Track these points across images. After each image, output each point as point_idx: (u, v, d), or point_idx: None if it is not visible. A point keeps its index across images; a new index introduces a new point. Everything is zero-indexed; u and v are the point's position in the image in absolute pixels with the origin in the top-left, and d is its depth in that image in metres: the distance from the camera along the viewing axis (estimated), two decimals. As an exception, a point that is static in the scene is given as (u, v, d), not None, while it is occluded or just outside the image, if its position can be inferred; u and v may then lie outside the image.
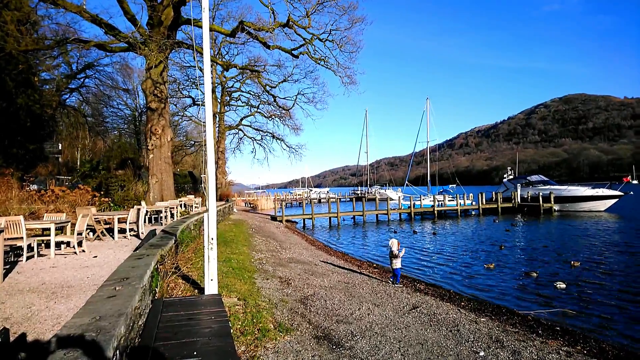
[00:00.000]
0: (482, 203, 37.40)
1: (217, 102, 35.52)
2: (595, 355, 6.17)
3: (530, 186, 39.79)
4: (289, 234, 22.41)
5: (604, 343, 6.80)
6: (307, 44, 20.24)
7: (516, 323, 7.74)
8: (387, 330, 6.47)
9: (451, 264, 14.39)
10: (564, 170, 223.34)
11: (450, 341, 6.13)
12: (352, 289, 9.36)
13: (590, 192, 35.60)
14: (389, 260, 10.53)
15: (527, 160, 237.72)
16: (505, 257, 15.25)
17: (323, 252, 16.18)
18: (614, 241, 18.86)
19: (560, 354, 5.90)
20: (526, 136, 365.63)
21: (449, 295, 9.82)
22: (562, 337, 6.98)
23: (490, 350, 5.81)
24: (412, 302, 8.42)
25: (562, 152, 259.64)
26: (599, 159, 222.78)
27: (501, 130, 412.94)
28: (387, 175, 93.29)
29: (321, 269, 11.92)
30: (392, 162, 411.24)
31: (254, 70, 28.55)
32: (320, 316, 7.01)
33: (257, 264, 11.27)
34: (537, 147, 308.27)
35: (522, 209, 37.36)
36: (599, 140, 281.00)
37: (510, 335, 6.67)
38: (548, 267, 13.16)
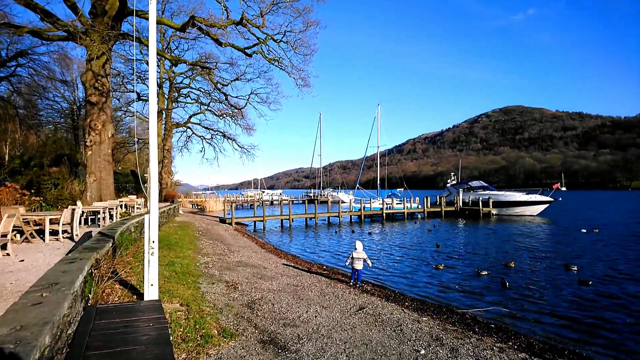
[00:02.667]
0: (427, 207, 39.15)
1: (164, 98, 34.03)
2: (524, 349, 6.63)
3: (471, 191, 42.24)
4: (238, 236, 21.95)
5: (532, 338, 7.33)
6: (261, 44, 20.03)
7: (455, 321, 8.13)
8: (334, 332, 6.52)
9: (397, 265, 14.87)
10: (502, 176, 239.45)
11: (394, 341, 6.31)
12: (301, 292, 9.35)
13: (525, 197, 38.55)
14: (351, 261, 10.98)
15: (470, 167, 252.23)
16: (449, 258, 16.04)
17: (273, 255, 16.03)
18: (544, 243, 20.51)
19: (494, 350, 6.27)
20: (469, 144, 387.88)
21: (394, 295, 10.12)
22: (496, 334, 7.43)
23: (430, 349, 6.06)
24: (359, 304, 8.58)
25: (501, 159, 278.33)
26: (534, 167, 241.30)
27: (446, 137, 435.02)
28: (340, 178, 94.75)
29: (270, 272, 11.79)
30: (345, 166, 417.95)
31: (204, 67, 27.73)
32: (267, 320, 6.92)
33: (202, 268, 10.91)
34: (478, 155, 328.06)
35: (464, 213, 39.58)
36: (533, 149, 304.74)
37: (449, 333, 7.00)
38: (486, 267, 13.98)
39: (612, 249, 18.14)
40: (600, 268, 13.95)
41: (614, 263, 14.87)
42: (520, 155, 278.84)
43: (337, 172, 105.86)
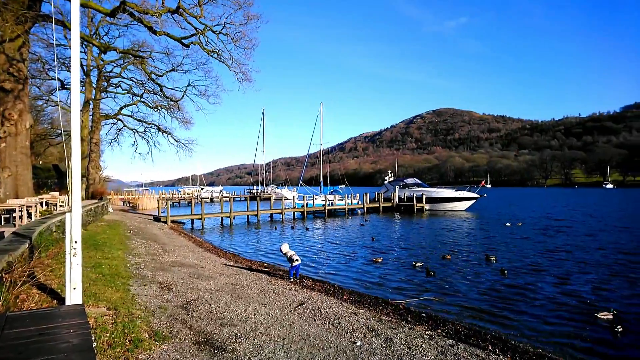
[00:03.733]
0: (367, 203, 40.52)
1: (91, 87, 31.38)
2: (452, 336, 7.11)
3: (406, 188, 44.40)
4: (174, 235, 21.01)
5: (458, 325, 7.90)
6: (199, 35, 19.24)
7: (390, 312, 8.51)
8: (272, 329, 6.51)
9: (337, 259, 15.22)
10: (435, 174, 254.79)
11: (332, 334, 6.46)
12: (240, 290, 9.20)
13: (454, 194, 41.38)
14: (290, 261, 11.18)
15: (406, 165, 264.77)
16: (386, 252, 16.73)
17: (212, 254, 15.57)
18: (470, 236, 22.19)
19: (424, 338, 6.66)
20: (405, 143, 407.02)
21: (333, 289, 10.34)
22: (427, 323, 7.90)
23: (366, 340, 6.29)
24: (298, 299, 8.64)
25: (434, 158, 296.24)
26: (462, 165, 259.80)
27: (385, 137, 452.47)
28: (284, 175, 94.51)
29: (208, 271, 11.44)
30: (289, 162, 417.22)
31: (137, 55, 26.02)
32: (204, 321, 6.72)
33: (133, 269, 10.29)
34: (413, 154, 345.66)
35: (400, 208, 41.56)
36: (462, 149, 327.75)
37: (384, 324, 7.31)
38: (419, 260, 14.79)
39: (531, 241, 20.13)
40: (519, 258, 15.43)
41: (532, 253, 16.52)
42: (450, 154, 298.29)
43: (281, 168, 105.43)
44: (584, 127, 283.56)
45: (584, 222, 29.64)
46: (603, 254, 16.02)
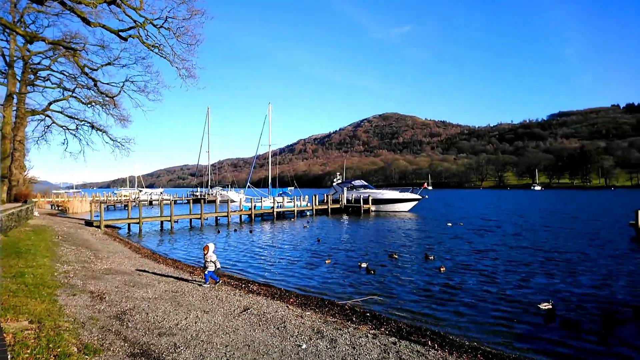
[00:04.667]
0: (316, 204, 40.80)
1: (15, 80, 28.46)
2: (394, 333, 7.32)
3: (354, 190, 45.38)
4: (108, 241, 19.64)
5: (400, 323, 8.16)
6: (139, 28, 18.19)
7: (336, 313, 8.59)
8: (215, 336, 6.28)
9: (283, 262, 15.12)
10: (381, 176, 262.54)
11: (277, 338, 6.36)
12: (180, 298, 8.78)
13: (398, 195, 43.01)
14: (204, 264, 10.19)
15: (353, 167, 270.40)
16: (333, 253, 16.90)
17: (150, 261, 14.74)
18: (415, 235, 23.12)
19: (368, 337, 6.79)
20: (353, 146, 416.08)
21: (279, 293, 10.23)
22: (371, 322, 8.07)
23: (311, 342, 6.27)
24: (243, 304, 8.43)
25: (380, 161, 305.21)
26: (406, 168, 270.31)
27: (334, 139, 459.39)
28: (230, 176, 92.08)
29: (146, 279, 10.81)
30: (236, 164, 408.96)
31: (69, 47, 24.05)
32: (140, 331, 6.31)
33: (62, 277, 9.45)
34: (361, 156, 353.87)
35: (348, 210, 42.38)
36: (406, 152, 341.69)
37: (330, 325, 7.35)
38: (365, 260, 15.12)
39: (470, 240, 21.39)
40: (458, 256, 16.32)
41: (469, 251, 17.56)
42: (395, 157, 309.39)
43: (227, 170, 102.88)
44: (516, 133, 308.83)
45: (514, 222, 32.14)
46: (531, 252, 17.47)
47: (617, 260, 15.04)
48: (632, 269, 13.45)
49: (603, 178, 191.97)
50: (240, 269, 14.24)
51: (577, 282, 11.72)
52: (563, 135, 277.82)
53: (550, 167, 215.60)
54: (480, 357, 6.26)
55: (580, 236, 22.28)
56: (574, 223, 29.88)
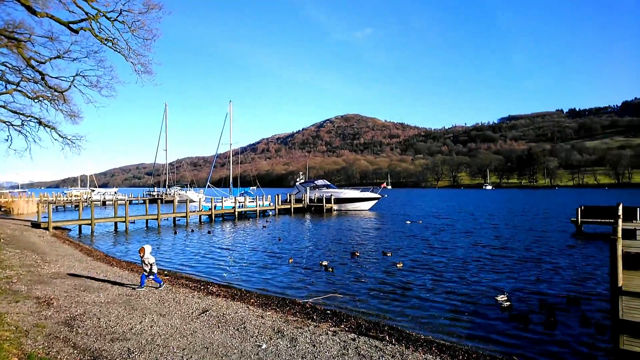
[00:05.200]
0: (278, 204, 40.59)
1: (-52, 69, 26.00)
2: (354, 330, 7.46)
3: (317, 189, 45.65)
4: (57, 244, 18.48)
5: (360, 319, 8.32)
6: (91, 20, 17.21)
7: (297, 312, 8.62)
8: (172, 340, 6.12)
9: (244, 262, 14.94)
10: (343, 176, 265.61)
11: (236, 339, 6.30)
12: (135, 302, 8.45)
13: (359, 194, 43.82)
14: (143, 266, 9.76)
15: (316, 167, 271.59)
16: (296, 251, 16.91)
17: (104, 264, 14.04)
18: (374, 233, 23.61)
19: (328, 334, 6.88)
20: (316, 146, 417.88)
21: (240, 294, 10.11)
22: (332, 319, 8.17)
23: (272, 342, 6.27)
24: (202, 306, 8.26)
25: (342, 161, 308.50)
26: (367, 168, 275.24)
27: (297, 139, 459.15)
28: (189, 175, 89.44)
29: (98, 282, 10.30)
30: (196, 162, 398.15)
31: (12, 37, 22.25)
32: (91, 337, 6.03)
33: (3, 283, 8.81)
34: (324, 156, 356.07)
35: (310, 209, 42.58)
36: (367, 153, 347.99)
37: (290, 324, 7.37)
38: (326, 258, 15.26)
39: (427, 236, 22.14)
40: (415, 253, 16.86)
41: (426, 248, 18.19)
42: (357, 157, 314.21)
43: (187, 169, 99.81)
44: (469, 136, 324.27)
45: (466, 220, 33.68)
46: (482, 249, 18.40)
47: (559, 255, 16.21)
48: (572, 263, 14.55)
49: (548, 178, 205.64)
50: (199, 270, 13.91)
51: (524, 276, 12.51)
52: (512, 137, 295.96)
53: (501, 167, 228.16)
54: (435, 349, 6.53)
55: (526, 233, 23.75)
56: (521, 221, 31.79)
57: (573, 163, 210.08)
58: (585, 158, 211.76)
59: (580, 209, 23.37)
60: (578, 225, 23.06)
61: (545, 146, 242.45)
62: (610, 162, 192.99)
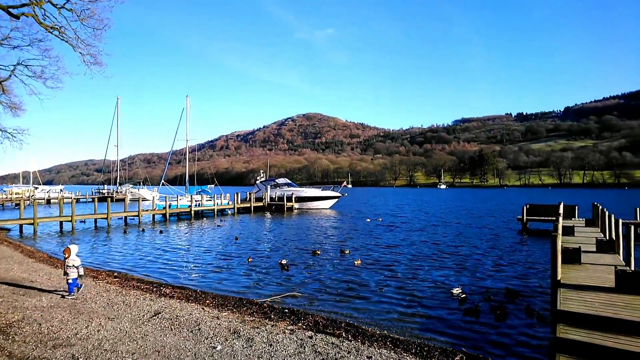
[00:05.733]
0: (238, 203, 39.89)
1: None
2: (311, 328, 7.48)
3: (278, 187, 45.37)
4: (-7, 245, 17.07)
5: (317, 316, 8.36)
6: (34, 6, 15.97)
7: (254, 312, 8.51)
8: (120, 344, 5.85)
9: (200, 263, 14.57)
10: (304, 174, 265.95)
11: (190, 342, 6.14)
12: (81, 305, 7.99)
13: (320, 193, 44.13)
14: (65, 270, 8.74)
15: (277, 165, 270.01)
16: (254, 251, 16.71)
17: (47, 265, 13.13)
18: (334, 231, 23.85)
19: (285, 333, 6.87)
20: (277, 144, 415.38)
21: (195, 295, 9.83)
22: (289, 318, 8.15)
23: (227, 343, 6.16)
24: (154, 309, 7.96)
25: (304, 160, 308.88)
26: (328, 167, 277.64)
27: (258, 136, 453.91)
28: (143, 173, 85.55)
29: (40, 285, 9.63)
30: (150, 159, 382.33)
31: (-60, 18, 20.22)
32: (30, 345, 5.63)
33: None
34: (285, 154, 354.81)
35: (271, 207, 42.26)
36: (329, 152, 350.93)
37: (247, 324, 7.28)
38: (286, 257, 15.21)
39: (384, 234, 22.66)
40: (373, 249, 17.23)
41: (384, 245, 18.62)
42: (318, 156, 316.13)
43: (140, 166, 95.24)
44: (425, 137, 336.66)
45: (421, 218, 34.93)
46: (435, 245, 19.16)
47: (507, 251, 17.23)
48: (518, 258, 15.54)
49: (497, 178, 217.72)
50: (152, 271, 13.39)
51: (475, 271, 13.17)
52: (465, 139, 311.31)
53: (454, 167, 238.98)
54: (389, 344, 6.71)
55: (476, 230, 25.01)
56: (471, 219, 33.44)
57: (520, 164, 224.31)
58: (531, 159, 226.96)
59: (526, 208, 24.96)
60: (524, 223, 24.59)
61: (495, 148, 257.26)
62: (553, 163, 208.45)
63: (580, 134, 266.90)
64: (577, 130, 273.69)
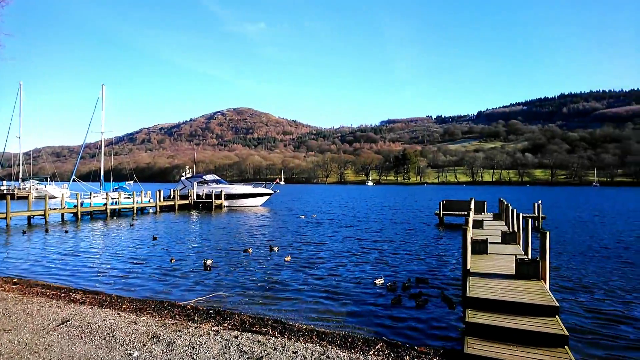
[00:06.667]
0: (160, 201, 37.61)
1: None
2: (237, 327, 7.36)
3: (205, 184, 43.65)
4: None
5: (244, 315, 8.25)
6: None
7: (176, 314, 8.15)
8: (18, 358, 5.23)
9: (116, 265, 13.54)
10: (235, 171, 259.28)
11: (103, 350, 5.70)
12: (-32, 318, 6.98)
13: (251, 190, 43.42)
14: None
15: (206, 161, 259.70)
16: (179, 251, 15.94)
17: None
18: (265, 229, 23.64)
19: (209, 334, 6.68)
20: (206, 139, 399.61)
21: (110, 300, 9.11)
22: (215, 318, 7.93)
23: (145, 348, 5.83)
24: (62, 317, 7.24)
25: (234, 155, 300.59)
26: (260, 163, 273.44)
27: (184, 130, 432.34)
28: (50, 167, 76.71)
29: None
30: (59, 153, 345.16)
31: None
32: None
33: None
34: (214, 150, 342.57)
35: (198, 205, 40.53)
36: (261, 148, 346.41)
37: (168, 328, 6.95)
38: (212, 256, 14.74)
39: (315, 230, 23.00)
40: (303, 245, 17.41)
41: (315, 241, 18.90)
42: (250, 152, 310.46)
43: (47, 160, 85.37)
44: (354, 136, 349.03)
45: (349, 214, 36.12)
46: (362, 239, 19.96)
47: (425, 243, 18.55)
48: (435, 250, 16.82)
49: (419, 176, 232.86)
50: (61, 276, 12.13)
51: (397, 264, 13.99)
52: (390, 139, 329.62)
53: (381, 166, 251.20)
54: (315, 337, 6.87)
55: (399, 225, 26.55)
56: (394, 214, 35.41)
57: (439, 163, 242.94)
58: (448, 159, 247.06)
59: (442, 203, 27.08)
60: (440, 217, 26.66)
61: (417, 148, 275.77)
62: (467, 163, 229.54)
63: (491, 136, 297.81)
64: (487, 133, 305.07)
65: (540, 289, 7.76)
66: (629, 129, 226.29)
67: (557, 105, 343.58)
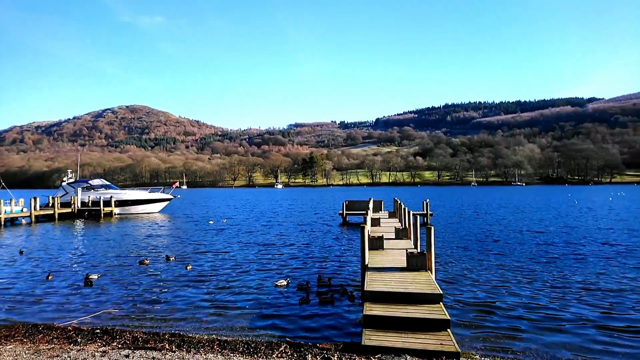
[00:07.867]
0: (36, 209, 32.61)
1: None
2: (129, 345, 6.72)
3: (92, 190, 38.98)
4: None
5: (137, 332, 7.55)
6: None
7: (54, 338, 7.14)
8: None
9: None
10: (129, 175, 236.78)
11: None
12: None
13: (147, 196, 39.94)
14: None
15: (93, 164, 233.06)
16: (57, 267, 13.95)
17: None
18: (162, 239, 22.01)
19: (95, 356, 6.01)
20: (93, 139, 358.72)
21: (-38, 331, 7.60)
22: (101, 338, 7.13)
23: (9, 383, 4.98)
24: None
25: (128, 158, 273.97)
26: (159, 166, 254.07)
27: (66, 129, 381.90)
28: None
29: None
30: None
31: None
32: None
33: None
34: (103, 151, 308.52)
35: (83, 214, 35.97)
36: (159, 149, 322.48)
37: (43, 354, 6.08)
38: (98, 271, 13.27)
39: (216, 237, 22.13)
40: (204, 254, 16.64)
41: (218, 251, 18.19)
42: (146, 154, 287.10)
43: None
44: (262, 138, 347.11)
45: (256, 218, 35.79)
46: (268, 242, 19.91)
47: (329, 242, 19.24)
48: (338, 248, 17.55)
49: (325, 178, 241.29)
50: None
51: (301, 264, 14.25)
52: (298, 142, 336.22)
53: (289, 168, 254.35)
54: (217, 347, 6.62)
55: (304, 226, 27.13)
56: (300, 216, 36.09)
57: (342, 166, 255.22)
58: (351, 162, 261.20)
59: (345, 204, 28.44)
60: (344, 217, 27.97)
61: (323, 151, 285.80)
62: (367, 165, 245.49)
63: (387, 142, 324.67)
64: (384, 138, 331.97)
65: (427, 278, 8.62)
66: (499, 136, 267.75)
67: (442, 113, 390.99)
